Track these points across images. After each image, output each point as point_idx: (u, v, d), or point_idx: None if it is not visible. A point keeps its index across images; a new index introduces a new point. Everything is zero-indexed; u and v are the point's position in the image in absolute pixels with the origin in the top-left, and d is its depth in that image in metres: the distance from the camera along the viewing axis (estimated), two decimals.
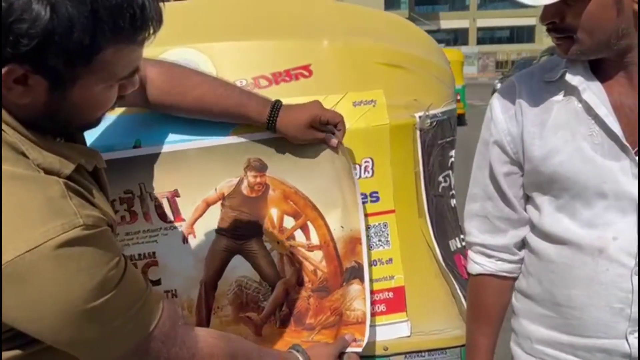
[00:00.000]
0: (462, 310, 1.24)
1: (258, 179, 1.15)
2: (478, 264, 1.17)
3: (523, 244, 1.15)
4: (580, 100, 1.03)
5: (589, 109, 1.02)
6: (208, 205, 1.15)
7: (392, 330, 1.20)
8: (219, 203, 1.16)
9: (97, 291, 0.72)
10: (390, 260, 1.22)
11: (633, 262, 1.01)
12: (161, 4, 0.76)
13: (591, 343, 1.06)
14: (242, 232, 1.17)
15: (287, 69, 1.17)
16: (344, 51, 1.20)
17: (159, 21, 0.75)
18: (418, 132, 1.23)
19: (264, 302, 1.17)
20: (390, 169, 1.20)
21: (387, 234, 1.21)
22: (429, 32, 1.47)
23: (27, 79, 0.70)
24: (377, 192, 1.20)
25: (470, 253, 1.20)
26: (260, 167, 1.15)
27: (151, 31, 0.75)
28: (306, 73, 1.18)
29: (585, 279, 1.05)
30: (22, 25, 0.65)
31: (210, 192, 1.15)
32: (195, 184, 1.14)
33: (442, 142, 1.29)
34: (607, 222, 1.03)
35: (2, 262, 0.66)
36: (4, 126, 0.72)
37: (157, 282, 1.15)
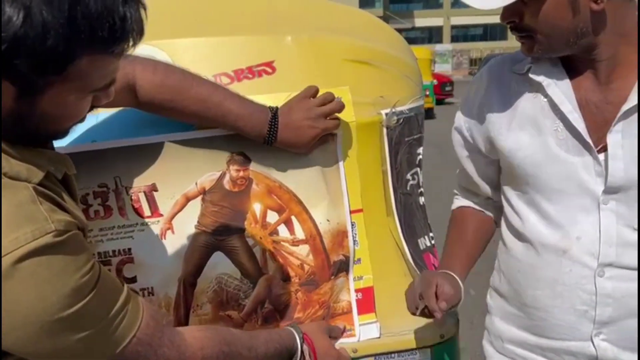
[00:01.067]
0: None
1: (241, 173, 1.12)
2: (459, 200, 1.29)
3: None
4: (546, 95, 1.02)
5: (553, 105, 1.01)
6: (188, 200, 1.12)
7: (361, 332, 1.18)
8: (200, 198, 1.12)
9: (72, 297, 0.71)
10: (359, 260, 1.20)
11: (596, 264, 1.01)
12: (143, 15, 0.72)
13: (557, 345, 1.06)
14: (223, 228, 1.13)
15: (249, 65, 1.14)
16: (308, 47, 1.18)
17: (139, 33, 0.72)
18: (385, 130, 1.20)
19: (245, 299, 1.14)
20: (357, 167, 1.18)
21: (356, 233, 1.19)
22: (403, 30, 1.46)
23: None
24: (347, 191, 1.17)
25: (454, 199, 1.34)
26: (243, 161, 1.12)
27: (130, 43, 0.71)
28: (269, 70, 1.15)
29: (549, 280, 1.05)
30: None
31: (191, 187, 1.11)
32: (174, 178, 1.10)
33: (409, 140, 1.27)
34: (571, 222, 1.02)
35: None
36: None
37: (133, 280, 1.11)
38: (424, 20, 44.24)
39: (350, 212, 1.18)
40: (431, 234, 1.34)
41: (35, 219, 0.68)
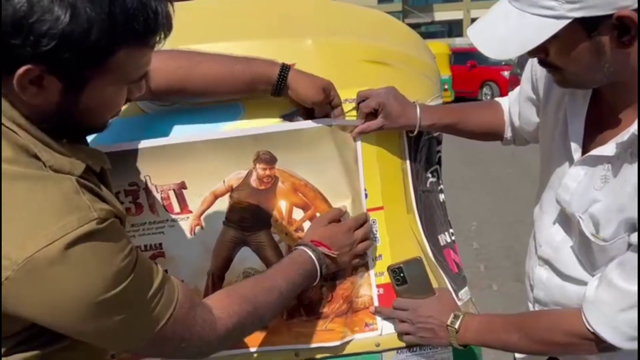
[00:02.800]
0: None
1: (267, 172, 1.15)
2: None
3: None
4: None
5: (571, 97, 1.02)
6: (216, 197, 1.15)
7: (383, 326, 1.20)
8: (227, 195, 1.15)
9: (115, 280, 0.74)
10: (380, 256, 1.22)
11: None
12: (171, 10, 0.78)
13: None
14: (250, 224, 1.16)
15: None
16: (328, 49, 1.20)
17: (169, 27, 0.78)
18: (404, 131, 1.23)
19: None
20: (377, 166, 1.21)
21: (376, 231, 1.22)
22: (422, 24, 1.48)
23: (42, 80, 0.71)
24: (365, 190, 1.20)
25: None
26: (270, 160, 1.15)
27: (162, 36, 0.77)
28: None
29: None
30: (43, 25, 0.67)
31: (219, 185, 1.15)
32: (202, 177, 1.14)
33: (428, 138, 1.29)
34: (541, 210, 1.11)
35: (22, 259, 0.68)
36: (15, 128, 0.73)
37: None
38: (443, 13, 43.79)
39: (371, 209, 1.21)
40: (451, 230, 1.36)
41: (80, 208, 0.72)
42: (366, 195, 1.21)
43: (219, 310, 0.91)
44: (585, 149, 0.98)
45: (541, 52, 0.91)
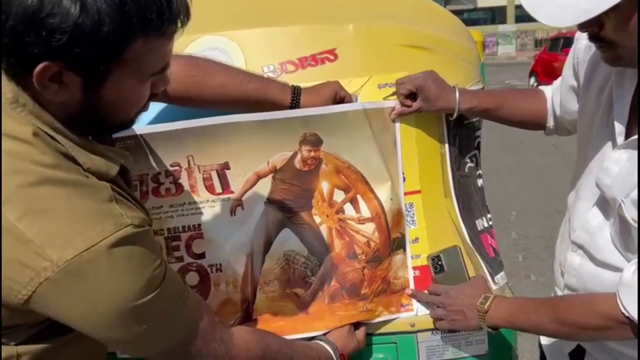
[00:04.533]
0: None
1: (312, 153, 1.15)
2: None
3: None
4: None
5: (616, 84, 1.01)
6: (259, 177, 1.15)
7: (419, 307, 1.23)
8: (270, 176, 1.15)
9: (146, 288, 0.76)
10: (417, 239, 1.24)
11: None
12: None
13: None
14: (291, 205, 1.16)
15: (313, 53, 1.20)
16: (368, 34, 1.22)
17: (186, 15, 0.76)
18: (443, 115, 1.24)
19: (312, 277, 1.17)
20: (415, 150, 1.22)
21: (413, 214, 1.24)
22: (465, 11, 1.47)
23: (62, 76, 0.71)
24: (403, 173, 1.22)
25: None
26: (316, 142, 1.15)
27: (179, 25, 0.76)
28: (332, 57, 1.20)
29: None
30: (54, 19, 0.66)
31: (262, 165, 1.14)
32: (247, 157, 1.13)
33: (467, 123, 1.29)
34: (576, 197, 1.12)
35: (63, 261, 0.70)
36: (52, 132, 0.75)
37: (202, 256, 1.14)
38: (487, 0, 42.79)
39: (409, 193, 1.23)
40: (489, 216, 1.37)
41: (115, 215, 0.74)
42: (404, 179, 1.22)
43: (239, 338, 0.93)
44: (628, 133, 0.98)
45: (596, 25, 0.89)
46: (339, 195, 1.18)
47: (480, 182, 1.36)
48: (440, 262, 1.21)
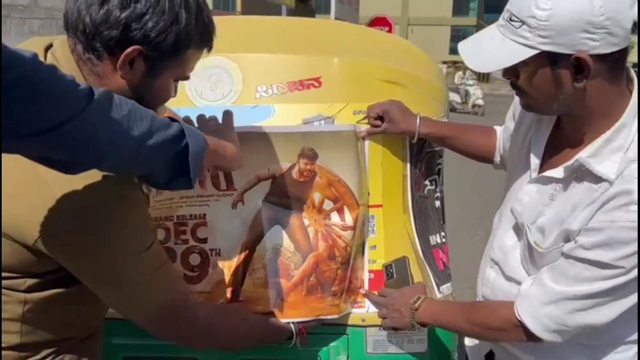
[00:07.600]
0: (433, 295, 1.44)
1: (308, 166, 1.30)
2: None
3: None
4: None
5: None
6: (259, 180, 1.30)
7: (369, 305, 1.41)
8: (269, 181, 1.30)
9: (147, 239, 0.96)
10: (375, 246, 1.43)
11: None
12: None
13: None
14: (285, 206, 1.31)
15: (301, 79, 1.40)
16: (350, 67, 1.43)
17: (215, 35, 0.99)
18: (407, 141, 1.44)
19: (295, 271, 1.32)
20: (380, 169, 1.42)
21: (374, 224, 1.43)
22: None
23: (134, 62, 0.89)
24: (368, 187, 1.41)
25: None
26: (313, 156, 1.30)
27: (213, 42, 0.99)
28: (317, 84, 1.40)
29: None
30: (153, 22, 0.87)
31: (264, 171, 1.30)
32: (251, 163, 1.26)
33: (430, 151, 1.49)
34: (500, 218, 1.30)
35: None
36: None
37: (204, 240, 1.29)
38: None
39: (372, 205, 1.42)
40: (443, 234, 1.56)
41: (131, 184, 0.95)
42: (369, 193, 1.42)
43: (206, 311, 1.13)
44: (541, 170, 1.17)
45: (513, 74, 1.09)
46: (329, 205, 1.36)
47: (437, 203, 1.55)
48: (391, 270, 1.40)
